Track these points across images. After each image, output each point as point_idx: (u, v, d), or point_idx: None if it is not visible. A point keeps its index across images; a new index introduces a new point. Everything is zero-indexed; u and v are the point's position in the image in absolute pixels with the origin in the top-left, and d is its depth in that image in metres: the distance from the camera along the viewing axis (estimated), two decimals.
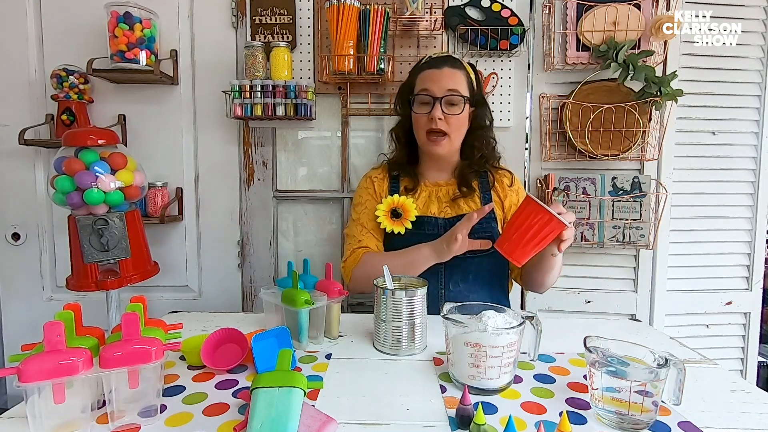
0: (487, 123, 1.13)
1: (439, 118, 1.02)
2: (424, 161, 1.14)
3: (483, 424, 0.50)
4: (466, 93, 1.04)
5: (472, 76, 1.09)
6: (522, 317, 0.66)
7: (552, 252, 0.91)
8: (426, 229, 1.05)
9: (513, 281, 1.16)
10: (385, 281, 0.83)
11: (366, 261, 1.03)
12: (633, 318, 1.08)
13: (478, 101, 1.10)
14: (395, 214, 1.04)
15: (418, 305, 0.78)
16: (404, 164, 1.15)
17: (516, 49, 1.41)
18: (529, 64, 1.47)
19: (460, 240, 0.92)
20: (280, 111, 1.35)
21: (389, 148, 1.22)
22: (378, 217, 1.06)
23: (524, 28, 1.39)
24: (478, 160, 1.12)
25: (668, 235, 1.47)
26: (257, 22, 1.41)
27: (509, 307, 1.12)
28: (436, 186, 1.12)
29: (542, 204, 0.79)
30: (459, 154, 1.13)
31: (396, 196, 1.05)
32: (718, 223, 1.49)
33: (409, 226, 1.02)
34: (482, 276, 1.06)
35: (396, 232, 1.02)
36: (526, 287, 1.14)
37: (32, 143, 1.38)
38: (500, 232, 1.08)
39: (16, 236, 1.49)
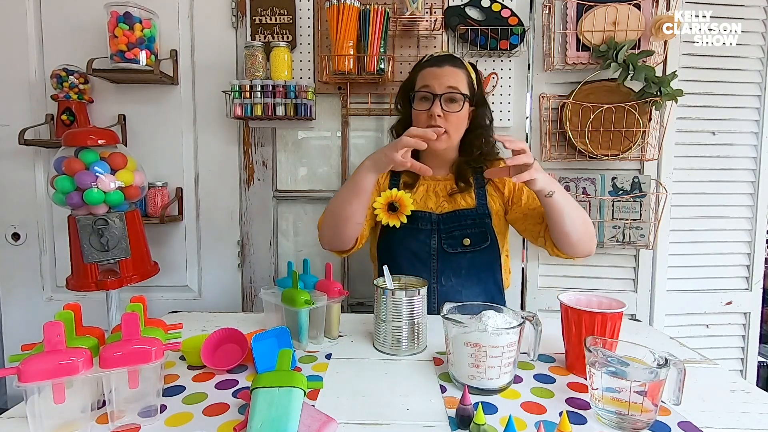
0: (487, 122, 1.13)
1: (438, 115, 1.01)
2: (423, 157, 1.14)
3: (483, 424, 0.50)
4: (465, 91, 1.04)
5: (473, 75, 1.09)
6: (522, 317, 0.66)
7: (545, 194, 0.88)
8: (419, 224, 1.06)
9: (545, 252, 1.10)
10: (385, 281, 0.83)
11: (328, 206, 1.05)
12: (633, 318, 1.08)
13: (478, 101, 1.10)
14: (392, 207, 1.05)
15: (418, 305, 0.78)
16: None
17: (516, 49, 1.40)
18: (529, 64, 1.47)
19: (396, 158, 0.89)
20: (280, 111, 1.35)
21: None
22: (375, 209, 1.06)
23: (524, 28, 1.39)
24: (477, 157, 1.12)
25: (668, 235, 1.47)
26: (257, 22, 1.41)
27: (504, 302, 1.13)
28: (434, 181, 1.12)
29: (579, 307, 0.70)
30: (458, 151, 1.13)
31: (394, 190, 1.05)
32: (718, 223, 1.49)
33: (404, 220, 1.02)
34: (475, 271, 1.06)
35: (391, 225, 1.02)
36: (563, 250, 1.03)
37: (32, 143, 1.38)
38: (494, 228, 1.08)
39: (16, 236, 1.49)
